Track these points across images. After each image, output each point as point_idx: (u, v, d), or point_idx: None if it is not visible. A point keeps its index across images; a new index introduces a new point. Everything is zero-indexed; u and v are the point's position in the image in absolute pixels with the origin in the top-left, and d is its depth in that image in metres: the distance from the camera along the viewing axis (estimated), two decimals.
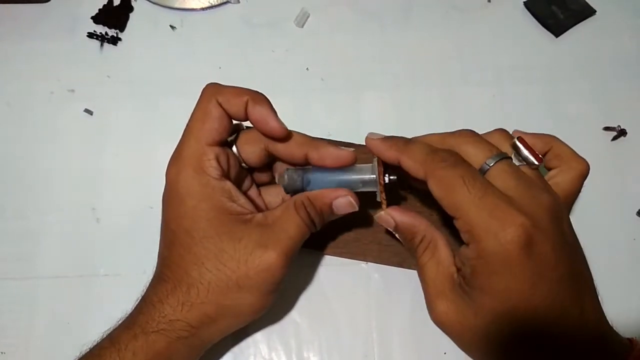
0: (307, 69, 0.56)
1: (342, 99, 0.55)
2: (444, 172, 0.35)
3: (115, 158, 0.53)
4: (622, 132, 0.53)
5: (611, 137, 0.53)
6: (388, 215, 0.40)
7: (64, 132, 0.54)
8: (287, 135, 0.40)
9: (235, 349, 0.47)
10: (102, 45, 0.57)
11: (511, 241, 0.33)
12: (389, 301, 0.48)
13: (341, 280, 0.48)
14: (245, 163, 0.42)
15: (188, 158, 0.39)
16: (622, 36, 0.58)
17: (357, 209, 0.41)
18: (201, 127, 0.39)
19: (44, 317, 0.48)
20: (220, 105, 0.40)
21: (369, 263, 0.49)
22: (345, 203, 0.40)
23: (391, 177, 0.41)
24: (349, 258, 0.48)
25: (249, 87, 0.54)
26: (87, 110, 0.54)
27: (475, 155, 0.37)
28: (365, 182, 0.41)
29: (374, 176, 0.41)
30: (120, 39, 0.57)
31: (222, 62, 0.57)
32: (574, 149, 0.44)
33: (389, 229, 0.41)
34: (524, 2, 0.59)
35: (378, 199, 0.41)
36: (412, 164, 0.37)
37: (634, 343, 0.37)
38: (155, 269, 0.41)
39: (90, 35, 0.57)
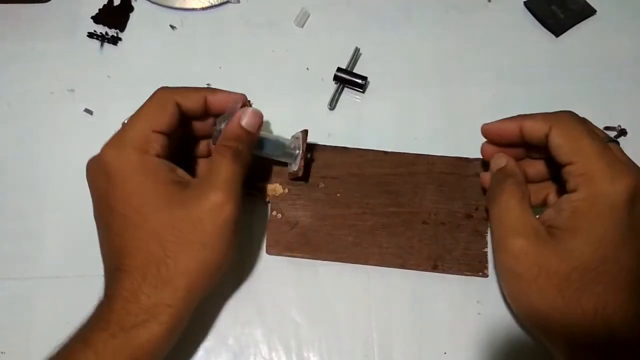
0: (307, 68, 0.56)
1: (342, 98, 0.55)
2: (572, 124, 0.39)
3: None
4: (622, 132, 0.53)
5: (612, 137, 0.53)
6: (503, 157, 0.43)
7: (64, 132, 0.54)
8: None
9: (236, 349, 0.47)
10: (102, 45, 0.57)
11: (623, 191, 0.36)
12: (389, 301, 0.48)
13: (341, 281, 0.48)
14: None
15: (130, 139, 0.40)
16: (622, 36, 0.58)
17: (262, 115, 0.43)
18: (152, 114, 0.41)
19: (44, 317, 0.48)
20: (177, 104, 0.42)
21: (367, 265, 0.49)
22: (251, 115, 0.42)
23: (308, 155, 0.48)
24: (351, 263, 0.48)
25: (249, 86, 0.54)
26: (87, 110, 0.54)
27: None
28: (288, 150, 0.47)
29: (298, 152, 0.47)
30: (120, 39, 0.57)
31: (222, 62, 0.57)
32: None
33: (493, 168, 0.44)
34: (524, 1, 0.59)
35: (294, 168, 0.47)
36: (536, 122, 0.41)
37: None
38: (105, 264, 0.41)
39: (91, 35, 0.57)
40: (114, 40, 0.57)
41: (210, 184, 0.39)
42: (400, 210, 0.49)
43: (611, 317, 0.36)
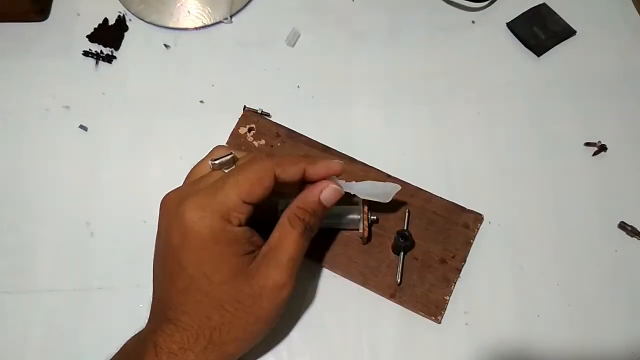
0: (298, 86, 0.58)
1: (332, 115, 0.56)
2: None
3: (109, 173, 0.54)
4: (602, 148, 0.54)
5: (592, 153, 0.55)
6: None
7: (59, 148, 0.54)
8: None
9: None
10: (97, 63, 0.58)
11: None
12: (379, 315, 0.48)
13: (332, 294, 0.49)
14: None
15: (219, 206, 0.39)
16: (602, 55, 0.59)
17: (343, 192, 0.43)
18: (248, 186, 0.40)
19: (39, 330, 0.48)
20: (276, 177, 0.41)
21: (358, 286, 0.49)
22: (331, 192, 0.42)
23: (372, 217, 0.49)
24: (316, 263, 0.49)
25: (241, 104, 0.55)
26: (82, 127, 0.55)
27: None
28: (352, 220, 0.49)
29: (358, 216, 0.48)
30: (115, 57, 0.58)
31: (215, 80, 0.58)
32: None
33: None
34: (507, 23, 0.61)
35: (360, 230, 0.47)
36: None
37: None
38: (157, 309, 0.41)
39: (86, 53, 0.58)
40: (109, 59, 0.58)
41: (276, 262, 0.40)
42: (381, 232, 0.50)
43: None
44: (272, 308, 0.40)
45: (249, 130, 0.54)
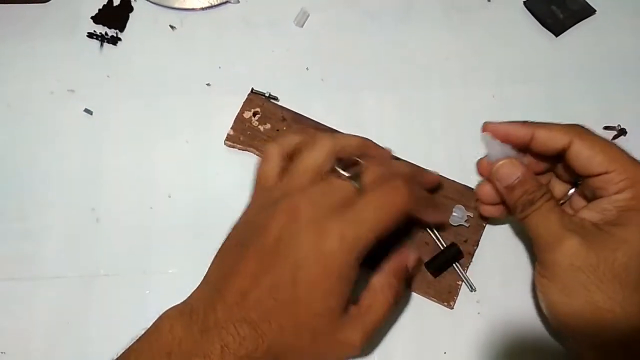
0: (307, 68, 0.57)
1: (341, 98, 0.55)
2: (593, 136, 0.40)
3: (115, 158, 0.53)
4: (622, 132, 0.53)
5: (611, 137, 0.53)
6: (515, 166, 0.42)
7: (64, 132, 0.54)
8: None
9: None
10: (102, 45, 0.57)
11: None
12: None
13: None
14: None
15: (359, 241, 0.37)
16: (622, 35, 0.58)
17: (419, 258, 0.44)
18: (385, 228, 0.38)
19: (44, 317, 0.47)
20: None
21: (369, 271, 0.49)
22: (414, 259, 0.43)
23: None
24: None
25: (248, 86, 0.54)
26: (87, 110, 0.54)
27: None
28: None
29: None
30: (120, 39, 0.57)
31: (222, 62, 0.57)
32: None
33: (507, 181, 0.42)
34: (524, 1, 0.59)
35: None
36: (554, 134, 0.41)
37: None
38: (229, 297, 0.38)
39: (90, 35, 0.57)
40: (114, 41, 0.57)
41: (362, 326, 0.39)
42: None
43: None
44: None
45: (254, 114, 0.53)
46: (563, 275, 0.39)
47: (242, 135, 0.52)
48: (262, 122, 0.53)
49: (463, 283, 0.48)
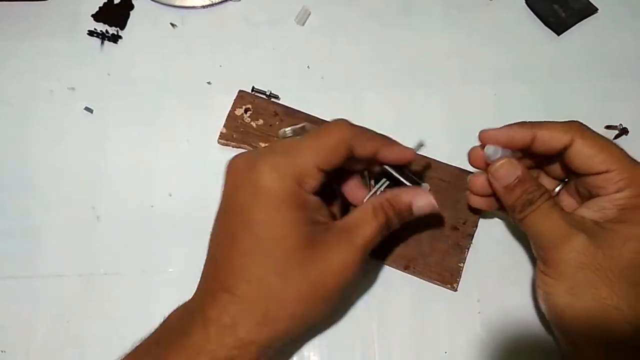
0: (307, 67, 0.56)
1: (342, 97, 0.55)
2: (593, 134, 0.40)
3: (115, 156, 0.53)
4: (624, 131, 0.53)
5: (613, 136, 0.53)
6: (514, 166, 0.41)
7: (64, 131, 0.54)
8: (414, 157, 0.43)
9: None
10: (102, 43, 0.57)
11: None
12: (389, 300, 0.48)
13: None
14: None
15: (295, 168, 0.38)
16: (624, 34, 0.57)
17: (438, 209, 0.42)
18: (325, 155, 0.39)
19: (44, 315, 0.48)
20: (351, 149, 0.40)
21: (370, 261, 0.49)
22: (425, 203, 0.41)
23: None
24: None
25: (248, 84, 0.54)
26: (87, 109, 0.54)
27: None
28: None
29: None
30: (120, 37, 0.57)
31: (223, 60, 0.56)
32: None
33: (505, 181, 0.41)
34: (526, 0, 0.58)
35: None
36: (555, 133, 0.41)
37: None
38: (209, 274, 0.39)
39: (91, 33, 0.57)
40: (115, 39, 0.57)
41: (349, 241, 0.38)
42: None
43: None
44: (333, 287, 0.38)
45: (246, 111, 0.53)
46: (570, 274, 0.39)
47: (235, 132, 0.52)
48: (255, 119, 0.53)
49: (464, 264, 0.48)
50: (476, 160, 0.44)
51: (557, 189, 0.46)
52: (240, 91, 0.54)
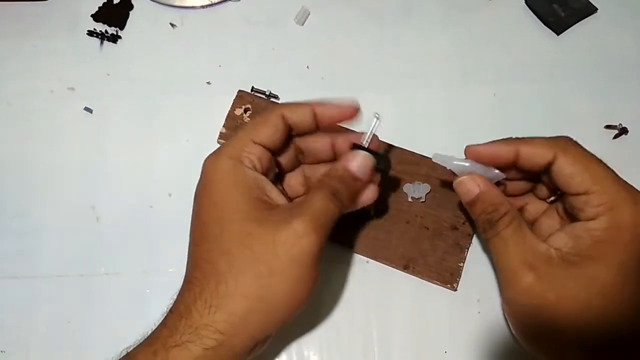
0: (307, 67, 0.56)
1: (342, 97, 0.55)
2: (578, 151, 0.39)
3: (115, 156, 0.53)
4: (623, 131, 0.53)
5: (613, 136, 0.53)
6: (474, 182, 0.40)
7: (64, 131, 0.54)
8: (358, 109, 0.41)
9: None
10: (102, 43, 0.57)
11: None
12: (389, 300, 0.48)
13: (341, 280, 0.48)
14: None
15: (228, 147, 0.39)
16: (624, 34, 0.57)
17: (375, 163, 0.40)
18: (254, 127, 0.40)
19: (45, 316, 0.48)
20: (284, 118, 0.40)
21: (370, 262, 0.49)
22: (361, 160, 0.39)
23: None
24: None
25: (248, 84, 0.54)
26: (87, 109, 0.54)
27: None
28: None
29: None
30: (120, 37, 0.57)
31: (223, 60, 0.56)
32: None
33: (466, 198, 0.40)
34: (525, 0, 0.58)
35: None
36: (537, 149, 0.39)
37: None
38: (184, 276, 0.39)
39: (90, 33, 0.57)
40: (114, 39, 0.57)
41: (297, 212, 0.36)
42: (387, 204, 0.50)
43: (632, 331, 0.37)
44: (287, 259, 0.35)
45: (245, 110, 0.53)
46: (515, 313, 0.40)
47: (234, 132, 0.52)
48: (254, 118, 0.53)
49: (464, 264, 0.48)
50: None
51: (550, 199, 0.44)
52: (239, 91, 0.54)
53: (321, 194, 0.37)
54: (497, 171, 0.41)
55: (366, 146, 0.40)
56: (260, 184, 0.39)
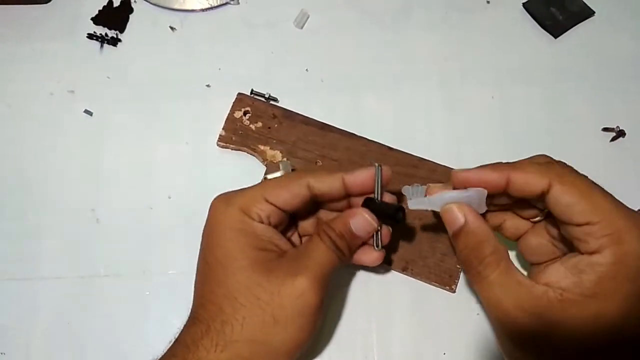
0: (306, 70, 0.57)
1: (341, 100, 0.55)
2: (575, 178, 0.36)
3: (115, 159, 0.53)
4: (621, 133, 0.53)
5: (610, 138, 0.53)
6: (460, 212, 0.38)
7: (64, 133, 0.54)
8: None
9: None
10: (102, 46, 0.57)
11: None
12: (388, 301, 0.48)
13: (341, 281, 0.48)
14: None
15: (240, 198, 0.40)
16: (621, 37, 0.58)
17: (375, 226, 0.40)
18: (273, 188, 0.40)
19: (45, 317, 0.48)
20: (309, 188, 0.40)
21: None
22: (361, 221, 0.40)
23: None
24: None
25: (248, 87, 0.54)
26: (87, 111, 0.54)
27: None
28: None
29: None
30: (120, 40, 0.57)
31: (222, 63, 0.57)
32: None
33: (450, 228, 0.39)
34: (523, 3, 0.59)
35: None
36: (530, 177, 0.36)
37: None
38: (190, 311, 0.41)
39: (90, 36, 0.57)
40: (114, 42, 0.57)
41: (301, 266, 0.38)
42: None
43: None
44: (292, 309, 0.37)
45: (245, 113, 0.53)
46: (516, 353, 0.38)
47: (234, 135, 0.52)
48: (254, 121, 0.53)
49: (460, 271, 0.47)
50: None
51: (536, 219, 0.42)
52: (239, 94, 0.54)
53: (323, 246, 0.39)
54: (474, 191, 0.38)
55: (378, 200, 0.41)
56: (268, 234, 0.40)
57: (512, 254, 0.44)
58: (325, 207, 0.45)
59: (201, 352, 0.37)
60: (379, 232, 0.41)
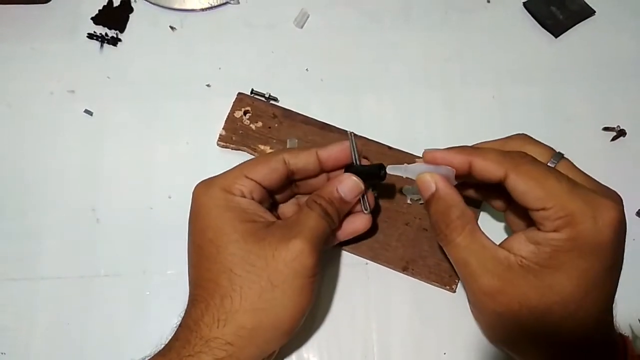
0: (306, 69, 0.57)
1: (341, 99, 0.55)
2: (530, 167, 0.38)
3: (115, 158, 0.53)
4: (621, 133, 0.53)
5: (610, 138, 0.53)
6: (432, 179, 0.40)
7: (64, 133, 0.54)
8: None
9: None
10: (102, 46, 0.57)
11: (608, 229, 0.36)
12: (388, 301, 0.48)
13: (341, 281, 0.49)
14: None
15: (220, 179, 0.41)
16: (622, 36, 0.58)
17: (362, 187, 0.42)
18: (251, 164, 0.42)
19: (45, 317, 0.48)
20: (285, 163, 0.42)
21: (369, 263, 0.49)
22: (349, 184, 0.42)
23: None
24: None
25: (248, 87, 0.54)
26: (87, 111, 0.54)
27: (540, 154, 0.40)
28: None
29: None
30: (120, 40, 0.57)
31: (222, 63, 0.57)
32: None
33: (424, 194, 0.41)
34: (523, 2, 0.59)
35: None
36: (487, 164, 0.38)
37: (627, 342, 0.39)
38: (187, 297, 0.41)
39: (90, 36, 0.57)
40: (114, 41, 0.57)
41: (294, 231, 0.39)
42: (386, 206, 0.50)
43: (592, 334, 0.38)
44: (288, 271, 0.37)
45: (245, 113, 0.53)
46: (484, 317, 0.41)
47: (234, 135, 0.52)
48: (254, 121, 0.53)
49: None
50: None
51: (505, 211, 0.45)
52: (239, 93, 0.54)
53: (314, 214, 0.40)
54: (444, 168, 0.40)
55: (358, 164, 0.43)
56: (252, 207, 0.41)
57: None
58: (302, 191, 0.46)
59: (203, 330, 0.37)
60: (365, 196, 0.43)
